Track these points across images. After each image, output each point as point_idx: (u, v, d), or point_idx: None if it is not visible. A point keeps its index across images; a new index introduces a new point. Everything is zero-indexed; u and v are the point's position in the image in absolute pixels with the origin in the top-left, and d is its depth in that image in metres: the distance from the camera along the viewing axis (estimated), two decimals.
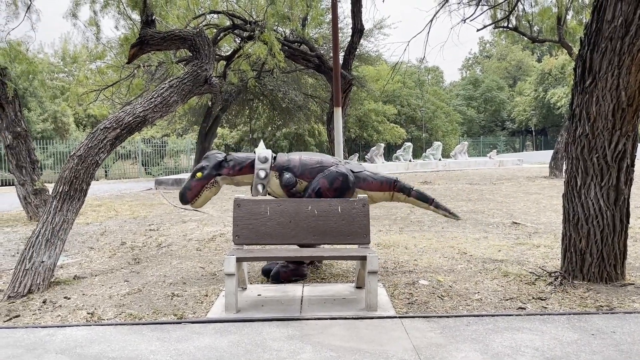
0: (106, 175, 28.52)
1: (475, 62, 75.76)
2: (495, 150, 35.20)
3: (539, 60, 59.26)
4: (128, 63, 7.55)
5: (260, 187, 5.26)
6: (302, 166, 5.29)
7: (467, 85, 61.45)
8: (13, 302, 4.64)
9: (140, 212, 11.37)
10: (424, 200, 5.59)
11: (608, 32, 4.43)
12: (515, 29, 17.17)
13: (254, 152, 5.37)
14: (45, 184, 10.45)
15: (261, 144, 5.60)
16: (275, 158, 5.34)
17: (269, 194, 5.39)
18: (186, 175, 20.00)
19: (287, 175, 5.20)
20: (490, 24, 15.74)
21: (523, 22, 17.47)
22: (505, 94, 59.84)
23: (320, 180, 5.17)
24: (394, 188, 5.45)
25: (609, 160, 4.61)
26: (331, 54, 14.86)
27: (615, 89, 4.46)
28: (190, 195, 5.25)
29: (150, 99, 5.92)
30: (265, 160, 5.24)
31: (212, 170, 5.25)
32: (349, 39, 16.45)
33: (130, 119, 5.68)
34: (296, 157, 5.40)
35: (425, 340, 3.54)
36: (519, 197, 12.61)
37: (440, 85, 62.27)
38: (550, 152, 21.21)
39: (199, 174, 5.22)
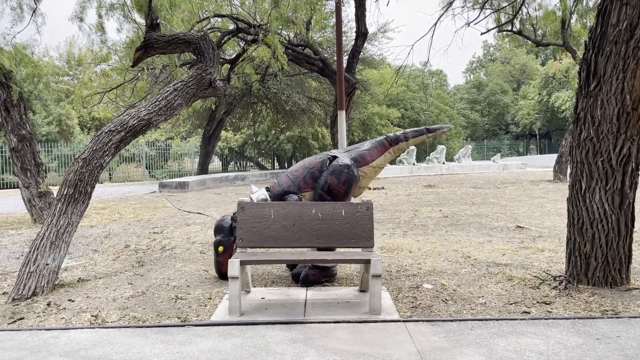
0: (110, 178, 28.58)
1: (479, 65, 75.70)
2: (499, 154, 35.16)
3: (543, 64, 59.17)
4: (133, 66, 7.56)
5: None
6: (295, 180, 5.30)
7: (471, 88, 61.32)
8: (17, 305, 4.65)
9: (144, 215, 11.39)
10: (420, 134, 5.66)
11: (613, 36, 4.42)
12: (520, 32, 17.18)
13: (250, 197, 5.37)
14: (50, 187, 10.48)
15: (252, 187, 5.59)
16: (270, 190, 5.35)
17: None
18: (190, 178, 20.03)
19: (289, 199, 5.21)
20: (494, 28, 15.75)
21: (527, 25, 17.48)
22: (509, 97, 59.69)
23: (328, 178, 5.18)
24: (390, 144, 5.51)
25: (614, 164, 4.60)
26: (335, 58, 14.88)
27: (620, 93, 4.45)
28: (226, 269, 5.17)
29: (155, 102, 5.93)
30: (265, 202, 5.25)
31: (229, 237, 5.22)
32: (352, 42, 16.50)
33: (135, 122, 5.69)
34: (283, 177, 5.41)
35: (429, 344, 3.53)
36: (523, 200, 12.58)
37: (444, 89, 62.19)
38: (554, 156, 21.17)
39: (220, 248, 5.21)
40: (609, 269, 4.73)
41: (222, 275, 5.26)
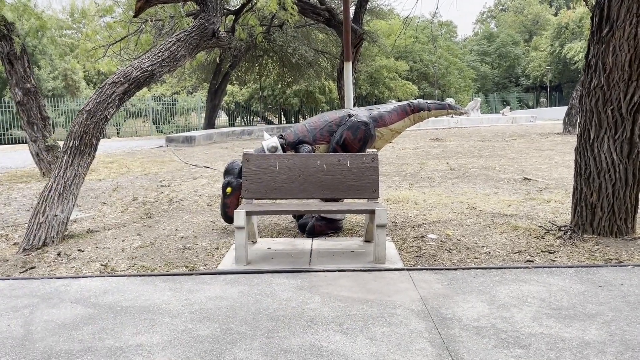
0: (118, 132, 28.65)
1: (489, 16, 73.72)
2: (508, 107, 34.71)
3: (556, 15, 57.48)
4: (135, 17, 7.42)
5: None
6: (312, 131, 5.26)
7: (481, 40, 59.96)
8: (28, 255, 4.74)
9: (151, 168, 11.45)
10: (442, 108, 5.63)
11: None
12: None
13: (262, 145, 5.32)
14: (58, 142, 10.51)
15: (265, 134, 5.54)
16: (284, 138, 5.30)
17: None
18: (197, 133, 20.01)
19: (303, 148, 5.18)
20: None
21: None
22: (520, 49, 58.34)
23: (344, 133, 5.15)
24: (412, 111, 5.47)
25: (624, 112, 4.52)
26: (342, 8, 14.51)
27: (633, 39, 4.32)
28: (232, 212, 5.17)
29: (158, 53, 5.85)
30: (275, 150, 5.18)
31: (239, 179, 5.18)
32: None
33: (138, 73, 5.63)
34: (300, 126, 5.37)
35: (432, 291, 3.58)
36: (531, 153, 12.50)
37: (453, 41, 60.81)
38: (565, 109, 20.87)
39: (228, 190, 5.17)
40: (614, 219, 4.72)
41: (228, 218, 5.26)
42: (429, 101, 5.65)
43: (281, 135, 5.36)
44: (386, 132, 5.41)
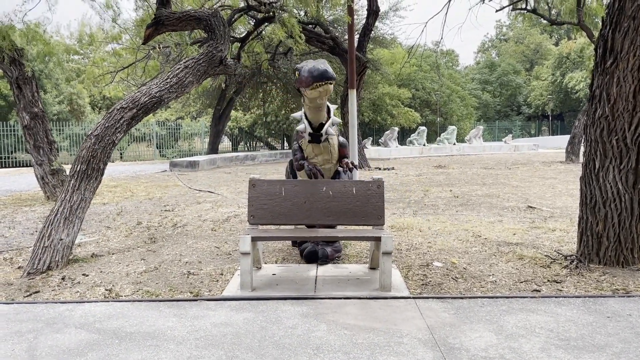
0: (121, 157, 28.75)
1: (491, 45, 74.59)
2: (510, 135, 34.87)
3: (557, 44, 58.15)
4: (144, 44, 7.55)
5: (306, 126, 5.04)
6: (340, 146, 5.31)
7: (483, 69, 60.52)
8: (33, 279, 4.73)
9: (155, 193, 11.47)
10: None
11: (631, 11, 4.34)
12: (534, 10, 16.88)
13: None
14: (62, 165, 10.57)
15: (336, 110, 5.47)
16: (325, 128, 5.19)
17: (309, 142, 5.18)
18: (201, 158, 20.10)
19: (342, 139, 5.28)
20: (508, 5, 15.49)
21: (541, 4, 17.18)
22: (521, 78, 58.83)
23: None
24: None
25: (629, 142, 4.54)
26: (346, 37, 14.74)
27: (637, 70, 4.37)
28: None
29: (166, 79, 5.93)
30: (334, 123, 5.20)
31: (310, 76, 4.61)
32: (364, 20, 16.31)
33: (146, 99, 5.70)
34: (342, 141, 5.37)
35: (439, 320, 3.55)
36: (535, 181, 12.51)
37: (455, 69, 61.36)
38: (567, 137, 20.96)
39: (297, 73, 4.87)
40: (620, 249, 4.70)
41: None
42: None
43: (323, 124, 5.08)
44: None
